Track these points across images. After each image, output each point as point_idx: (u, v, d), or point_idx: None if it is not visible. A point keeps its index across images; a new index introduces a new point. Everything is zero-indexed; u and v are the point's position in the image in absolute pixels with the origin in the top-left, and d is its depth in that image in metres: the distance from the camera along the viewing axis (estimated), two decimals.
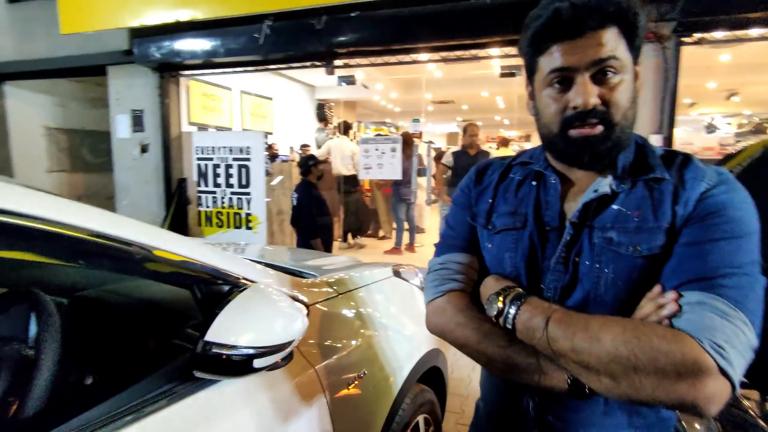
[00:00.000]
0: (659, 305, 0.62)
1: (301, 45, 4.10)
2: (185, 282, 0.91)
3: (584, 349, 0.61)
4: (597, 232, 0.69)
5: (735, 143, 7.48)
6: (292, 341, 0.91)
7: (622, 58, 0.65)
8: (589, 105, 0.65)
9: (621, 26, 0.65)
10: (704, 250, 0.62)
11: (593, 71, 0.65)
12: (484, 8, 3.50)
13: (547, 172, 0.77)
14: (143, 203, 5.31)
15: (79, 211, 0.76)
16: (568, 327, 0.63)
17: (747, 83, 7.88)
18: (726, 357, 0.56)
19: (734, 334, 0.57)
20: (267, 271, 1.19)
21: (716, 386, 0.56)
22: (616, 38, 0.65)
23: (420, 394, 1.61)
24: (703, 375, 0.55)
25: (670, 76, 3.31)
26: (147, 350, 1.03)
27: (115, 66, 5.15)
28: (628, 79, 0.67)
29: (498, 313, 0.70)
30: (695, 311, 0.59)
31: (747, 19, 3.15)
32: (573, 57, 0.65)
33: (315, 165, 4.02)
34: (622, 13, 0.64)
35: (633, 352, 0.58)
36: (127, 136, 5.28)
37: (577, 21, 0.64)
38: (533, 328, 0.66)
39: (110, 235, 0.77)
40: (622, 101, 0.66)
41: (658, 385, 0.57)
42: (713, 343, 0.56)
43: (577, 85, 0.66)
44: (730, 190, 0.65)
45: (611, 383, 0.60)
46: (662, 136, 3.34)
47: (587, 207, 0.71)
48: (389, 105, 10.75)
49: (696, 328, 0.57)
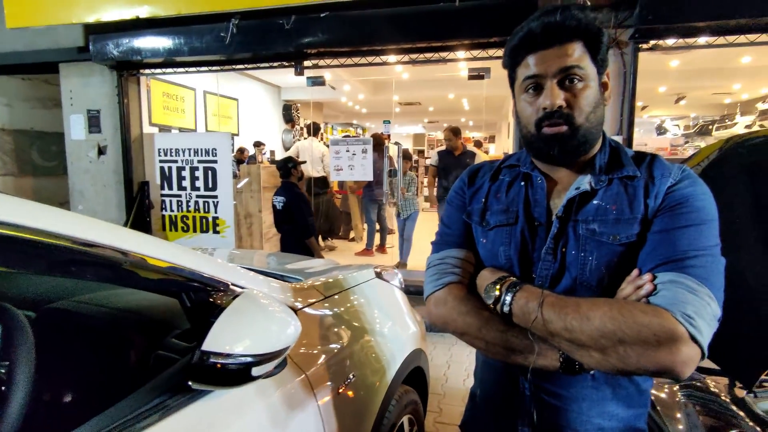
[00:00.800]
0: (638, 286, 0.71)
1: (269, 45, 4.02)
2: (174, 290, 0.87)
3: (576, 328, 0.68)
4: (581, 224, 0.78)
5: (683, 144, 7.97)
6: (288, 347, 0.90)
7: (585, 68, 0.76)
8: (555, 105, 0.75)
9: (585, 41, 0.76)
10: (673, 236, 0.72)
11: (560, 78, 0.76)
12: (451, 11, 3.55)
13: (533, 173, 0.86)
14: (101, 208, 5.04)
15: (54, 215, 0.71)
16: (561, 309, 0.71)
17: (693, 88, 8.41)
18: (696, 326, 0.65)
19: (701, 306, 0.66)
20: (255, 276, 1.16)
21: (689, 352, 0.65)
22: (581, 51, 0.76)
23: (405, 394, 1.61)
24: (678, 342, 0.64)
25: (629, 80, 3.48)
26: (129, 363, 0.98)
27: (68, 63, 4.87)
28: (593, 86, 0.77)
29: (495, 300, 0.78)
30: (668, 288, 0.68)
31: (695, 28, 3.37)
32: (542, 65, 0.76)
33: (295, 167, 3.91)
34: (585, 30, 0.75)
35: (619, 327, 0.66)
36: (82, 138, 5.00)
37: (547, 35, 0.75)
38: (528, 311, 0.73)
39: (94, 242, 0.72)
40: (584, 105, 0.76)
41: (642, 354, 0.65)
42: (685, 315, 0.65)
43: (546, 89, 0.76)
44: (692, 183, 0.76)
45: (601, 357, 0.68)
46: (623, 136, 3.51)
47: (571, 203, 0.79)
48: (356, 106, 10.73)
49: (670, 303, 0.66)
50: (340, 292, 1.46)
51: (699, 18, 3.21)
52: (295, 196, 3.82)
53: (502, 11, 3.49)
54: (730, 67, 6.83)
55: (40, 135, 6.28)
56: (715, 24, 3.29)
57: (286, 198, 3.80)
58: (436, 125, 14.86)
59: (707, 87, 8.29)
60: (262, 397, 0.94)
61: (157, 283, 0.82)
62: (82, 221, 0.75)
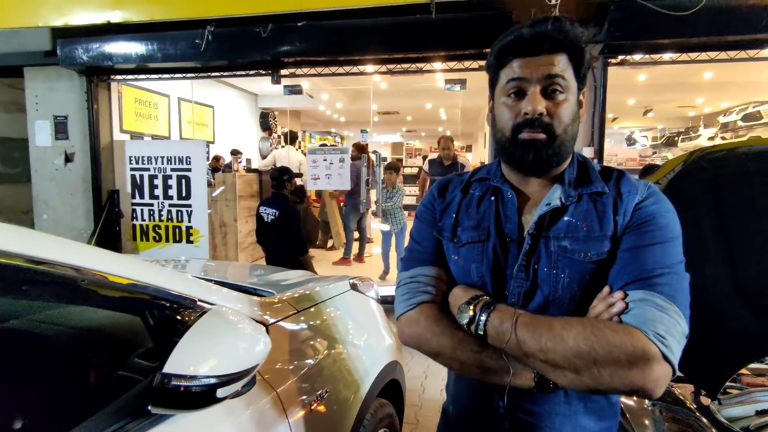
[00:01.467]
0: (609, 304, 0.72)
1: (245, 53, 3.97)
2: (136, 308, 0.83)
3: (550, 348, 0.69)
4: (552, 241, 0.78)
5: (652, 155, 8.26)
6: (256, 366, 0.87)
7: (568, 80, 0.78)
8: (536, 112, 0.76)
9: (570, 55, 0.78)
10: (641, 254, 0.73)
11: (543, 85, 0.77)
12: (428, 23, 3.60)
13: (504, 187, 0.85)
14: (67, 218, 4.86)
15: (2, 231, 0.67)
16: (535, 329, 0.71)
17: (660, 101, 8.75)
18: (667, 345, 0.66)
19: (671, 325, 0.67)
20: (224, 291, 1.12)
21: (661, 371, 0.65)
22: (566, 63, 0.77)
23: (380, 408, 1.59)
24: (650, 362, 0.65)
25: (599, 93, 3.60)
26: (88, 385, 0.93)
27: (34, 67, 4.70)
28: (572, 99, 0.79)
29: (470, 321, 0.76)
30: (639, 307, 0.69)
31: (660, 45, 3.52)
32: (528, 70, 0.77)
33: (290, 179, 3.70)
34: (572, 44, 0.77)
35: (593, 347, 0.66)
36: (48, 144, 4.82)
37: (536, 42, 0.77)
38: (503, 332, 0.73)
39: (50, 260, 0.69)
40: (564, 116, 0.77)
41: (615, 374, 0.65)
42: (656, 334, 0.66)
43: (529, 95, 0.77)
44: (657, 201, 0.78)
45: (575, 377, 0.68)
46: (594, 148, 3.61)
47: (542, 219, 0.79)
48: (335, 115, 10.71)
49: (641, 321, 0.67)
50: (314, 305, 1.43)
51: (663, 35, 3.35)
52: (290, 211, 3.62)
53: (477, 24, 3.56)
54: (693, 82, 7.14)
55: (2, 141, 6.02)
56: (677, 41, 3.45)
57: (279, 211, 3.58)
58: (413, 134, 14.98)
59: (673, 100, 8.64)
60: (230, 418, 0.91)
61: (116, 301, 0.78)
62: (34, 237, 0.72)
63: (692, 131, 10.49)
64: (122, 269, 0.79)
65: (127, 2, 3.85)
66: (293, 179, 3.80)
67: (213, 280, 1.53)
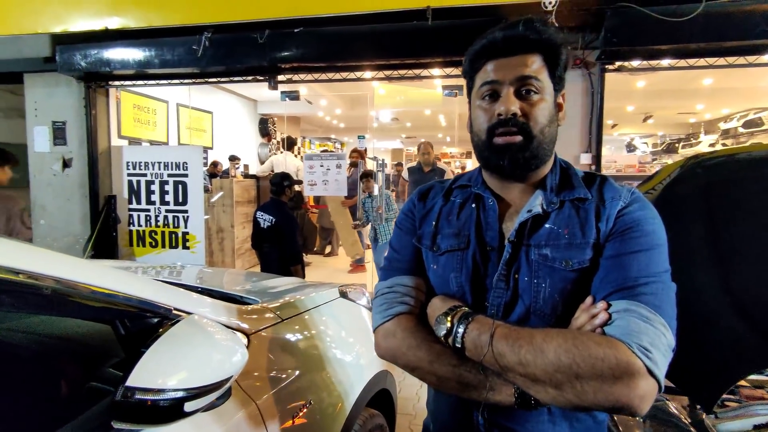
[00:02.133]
0: (592, 315, 0.69)
1: (242, 59, 3.98)
2: (105, 317, 0.81)
3: (530, 362, 0.65)
4: (533, 249, 0.75)
5: (651, 161, 8.24)
6: (230, 377, 0.84)
7: (542, 80, 0.76)
8: (509, 112, 0.74)
9: (544, 55, 0.76)
10: (624, 262, 0.70)
11: (517, 86, 0.75)
12: (425, 30, 3.60)
13: (485, 194, 0.83)
14: (63, 223, 4.84)
15: None
16: (514, 342, 0.67)
17: (659, 107, 8.74)
18: (652, 359, 0.62)
19: (656, 337, 0.64)
20: (203, 299, 1.09)
21: (647, 386, 0.62)
22: (540, 64, 0.76)
23: (369, 419, 1.56)
24: (635, 377, 0.61)
25: (596, 99, 3.58)
26: (58, 396, 0.90)
27: (33, 74, 4.72)
28: (549, 100, 0.77)
29: (447, 333, 0.73)
30: (623, 318, 0.66)
31: (658, 51, 3.50)
32: (501, 72, 0.76)
33: (290, 186, 3.66)
34: (546, 44, 0.76)
35: (574, 360, 0.63)
36: (46, 150, 4.82)
37: (508, 44, 0.76)
38: (481, 345, 0.69)
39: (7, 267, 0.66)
40: (540, 117, 0.76)
41: (599, 390, 0.62)
42: (641, 347, 0.63)
43: (502, 96, 0.76)
44: (641, 207, 0.75)
45: (556, 392, 0.65)
46: (591, 154, 3.59)
47: (523, 226, 0.77)
48: (334, 121, 10.73)
49: (625, 333, 0.64)
50: (299, 313, 1.40)
51: (660, 41, 3.33)
52: (287, 218, 3.58)
53: (473, 31, 3.50)
54: (693, 88, 7.13)
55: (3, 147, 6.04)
56: (675, 47, 3.43)
57: (276, 218, 3.53)
58: (413, 140, 14.99)
59: (672, 107, 8.62)
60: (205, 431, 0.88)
61: (82, 310, 0.76)
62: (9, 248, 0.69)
63: (693, 138, 10.46)
64: (89, 276, 0.77)
65: (125, 9, 3.86)
66: (293, 186, 3.76)
67: (198, 288, 1.51)
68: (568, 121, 3.58)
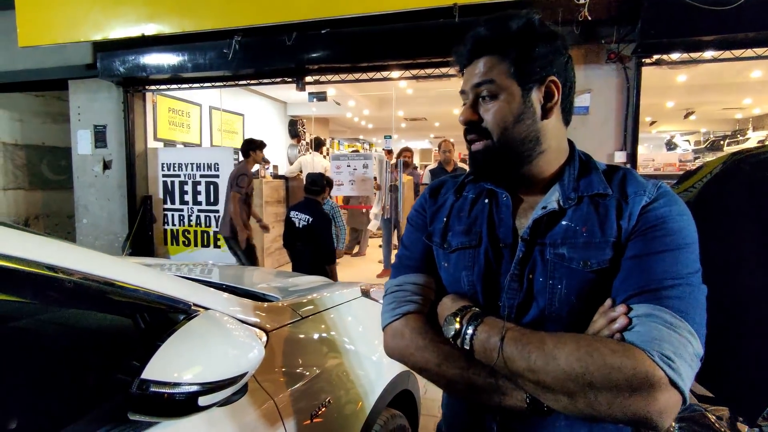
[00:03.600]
0: (611, 319, 0.64)
1: (271, 61, 4.06)
2: (125, 311, 0.82)
3: (540, 368, 0.61)
4: (549, 248, 0.71)
5: (693, 160, 7.84)
6: (246, 373, 0.84)
7: (499, 81, 0.72)
8: (466, 121, 0.75)
9: (501, 54, 0.72)
10: (648, 263, 0.65)
11: (475, 93, 0.75)
12: (452, 27, 3.55)
13: (498, 189, 0.79)
14: (104, 222, 5.08)
15: None
16: (524, 346, 0.64)
17: (702, 103, 8.31)
18: (675, 369, 0.57)
19: (681, 345, 0.59)
20: (222, 295, 1.11)
21: (668, 399, 0.57)
22: (492, 65, 0.73)
23: (391, 419, 1.54)
24: (654, 389, 0.57)
25: (632, 95, 3.43)
26: (85, 387, 0.93)
27: (77, 80, 4.98)
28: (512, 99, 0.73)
29: (456, 334, 0.70)
30: (644, 323, 0.61)
31: (700, 42, 3.32)
32: (465, 82, 0.76)
33: (329, 185, 3.68)
34: (493, 44, 0.72)
35: (588, 368, 0.59)
36: (88, 152, 5.07)
37: (466, 53, 0.75)
38: (491, 348, 0.66)
39: (36, 261, 0.69)
40: (498, 119, 0.73)
41: (613, 402, 0.58)
42: (662, 355, 0.58)
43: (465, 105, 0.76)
44: (668, 203, 0.69)
45: (568, 401, 0.61)
46: (626, 152, 3.44)
47: (538, 223, 0.72)
48: (362, 122, 10.78)
49: (645, 341, 0.59)
50: (319, 311, 1.40)
51: (703, 32, 3.16)
52: (323, 218, 3.57)
53: None
54: (740, 82, 6.73)
55: (51, 149, 6.41)
56: (720, 38, 3.24)
57: (313, 218, 3.52)
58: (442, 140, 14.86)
59: (716, 102, 8.18)
60: (219, 427, 0.88)
61: (102, 303, 0.78)
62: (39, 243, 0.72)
63: (740, 134, 9.89)
64: (110, 271, 0.78)
65: (159, 16, 4.01)
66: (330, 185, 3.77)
67: (222, 285, 1.53)
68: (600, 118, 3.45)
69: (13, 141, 6.04)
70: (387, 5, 3.49)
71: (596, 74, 3.48)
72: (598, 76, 3.48)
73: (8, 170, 5.99)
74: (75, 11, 4.25)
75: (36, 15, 4.38)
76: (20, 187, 6.17)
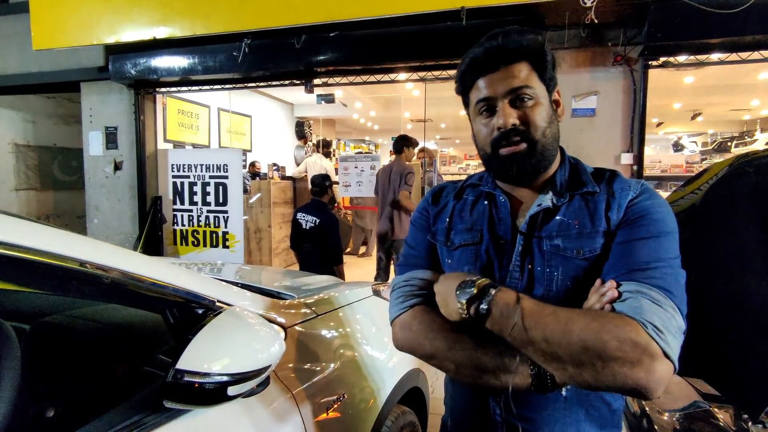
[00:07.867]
0: (602, 294, 0.70)
1: (280, 63, 4.10)
2: (156, 306, 0.87)
3: (555, 340, 0.66)
4: (545, 240, 0.78)
5: (700, 161, 7.81)
6: (269, 366, 0.88)
7: (534, 86, 0.78)
8: (508, 124, 0.77)
9: (530, 62, 0.78)
10: (634, 247, 0.72)
11: (510, 98, 0.78)
12: (459, 30, 3.58)
13: (496, 192, 0.86)
14: (115, 222, 5.15)
15: (40, 232, 0.72)
16: (540, 317, 0.68)
17: (709, 104, 8.27)
18: (665, 340, 0.63)
19: (667, 319, 0.65)
20: (243, 293, 1.15)
21: (664, 369, 0.63)
22: (527, 71, 0.78)
23: (401, 415, 1.58)
24: (653, 360, 0.62)
25: (639, 97, 3.44)
26: (115, 378, 0.98)
27: (89, 82, 5.05)
28: (545, 103, 0.80)
29: (472, 298, 0.72)
30: (635, 298, 0.67)
31: (707, 44, 3.33)
32: (492, 88, 0.79)
33: (331, 186, 3.70)
34: (529, 51, 0.78)
35: (601, 342, 0.63)
36: (99, 154, 5.15)
37: (492, 59, 0.78)
38: (509, 314, 0.69)
39: (73, 257, 0.73)
40: (539, 121, 0.78)
41: (618, 372, 0.62)
42: (654, 327, 0.63)
43: (498, 110, 0.78)
44: (650, 197, 0.77)
45: (575, 371, 0.65)
46: (633, 154, 3.45)
47: (534, 219, 0.80)
48: (368, 123, 10.83)
49: (636, 312, 0.65)
50: (333, 309, 1.45)
51: (709, 35, 3.17)
52: (331, 219, 3.60)
53: None
54: (747, 83, 6.70)
55: (62, 150, 6.51)
56: (726, 40, 3.25)
57: (321, 219, 3.54)
58: (448, 141, 14.90)
59: (724, 103, 8.14)
60: (244, 417, 0.93)
61: (136, 299, 0.82)
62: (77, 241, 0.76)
63: (747, 136, 9.83)
64: (144, 269, 0.83)
65: (170, 19, 4.07)
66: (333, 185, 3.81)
67: (239, 283, 1.58)
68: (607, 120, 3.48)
69: (25, 142, 6.14)
70: (395, 8, 3.53)
71: (603, 76, 3.50)
72: (604, 79, 3.50)
73: (21, 171, 6.09)
74: (88, 15, 4.32)
75: (50, 19, 4.46)
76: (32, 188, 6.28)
